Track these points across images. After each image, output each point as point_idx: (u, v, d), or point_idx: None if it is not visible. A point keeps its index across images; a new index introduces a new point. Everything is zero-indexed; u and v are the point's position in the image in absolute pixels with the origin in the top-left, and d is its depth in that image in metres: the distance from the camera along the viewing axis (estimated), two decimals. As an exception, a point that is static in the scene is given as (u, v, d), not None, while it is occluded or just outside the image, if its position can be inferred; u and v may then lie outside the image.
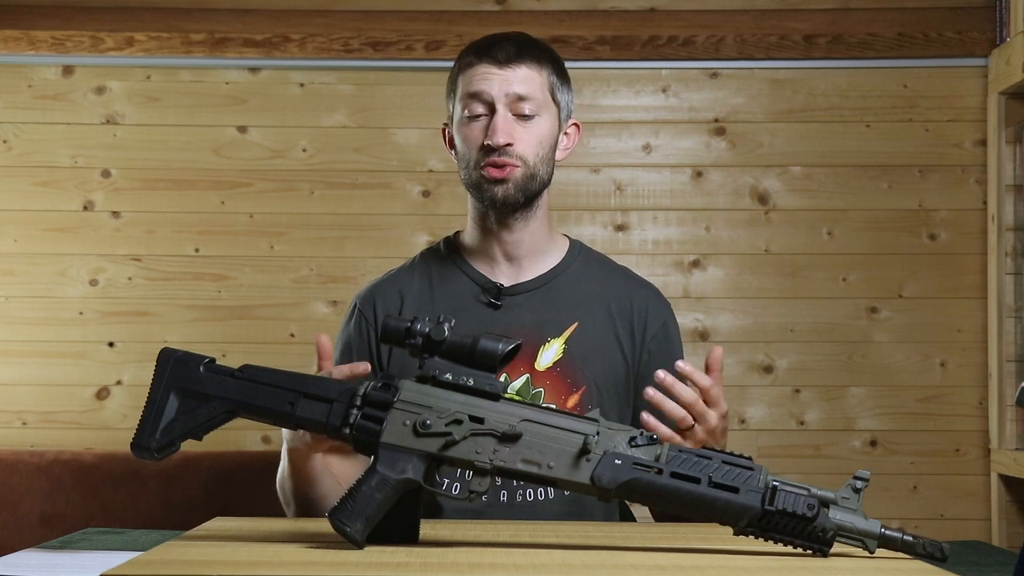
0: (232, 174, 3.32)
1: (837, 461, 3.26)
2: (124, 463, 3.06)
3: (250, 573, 1.30)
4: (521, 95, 2.00)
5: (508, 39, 2.05)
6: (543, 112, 2.03)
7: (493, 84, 2.00)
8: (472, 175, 2.03)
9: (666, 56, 3.31)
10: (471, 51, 2.05)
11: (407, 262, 2.16)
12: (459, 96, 2.04)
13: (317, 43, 3.28)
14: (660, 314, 2.12)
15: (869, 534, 1.44)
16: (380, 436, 1.50)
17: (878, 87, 3.33)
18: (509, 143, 1.99)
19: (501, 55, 2.01)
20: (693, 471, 1.46)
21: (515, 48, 2.03)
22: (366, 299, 2.12)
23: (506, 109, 2.00)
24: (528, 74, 2.02)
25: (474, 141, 2.01)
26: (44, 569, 1.47)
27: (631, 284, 2.14)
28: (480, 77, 2.01)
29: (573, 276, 2.10)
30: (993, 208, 3.23)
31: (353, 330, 2.10)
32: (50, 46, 3.27)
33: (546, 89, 2.04)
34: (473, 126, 2.02)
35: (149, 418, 1.54)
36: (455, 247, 2.13)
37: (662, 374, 1.79)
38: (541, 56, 2.05)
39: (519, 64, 2.01)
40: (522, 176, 2.01)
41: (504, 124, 1.99)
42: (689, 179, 3.34)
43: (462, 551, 1.48)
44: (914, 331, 3.30)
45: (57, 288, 3.29)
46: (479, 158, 2.01)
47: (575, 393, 2.02)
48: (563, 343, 2.04)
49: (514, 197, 2.01)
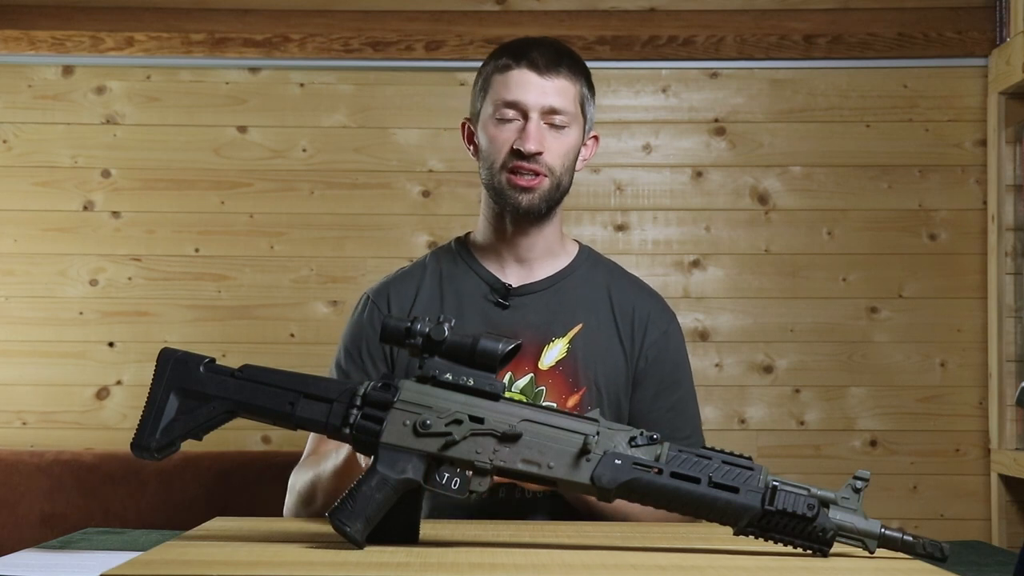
0: (232, 174, 3.32)
1: (837, 461, 3.26)
2: (124, 463, 3.06)
3: (250, 573, 1.30)
4: (556, 106, 2.01)
5: (546, 45, 2.05)
6: (573, 124, 2.04)
7: (531, 91, 2.00)
8: (497, 178, 2.03)
9: (666, 56, 3.31)
10: (508, 52, 2.04)
11: (418, 260, 2.17)
12: (491, 95, 2.03)
13: (317, 43, 3.28)
14: (662, 322, 2.12)
15: (869, 534, 1.44)
16: (380, 436, 1.50)
17: (878, 87, 3.33)
18: (540, 152, 2.00)
19: (541, 62, 2.01)
20: (693, 471, 1.46)
21: (555, 56, 2.03)
22: (379, 292, 2.11)
23: (539, 117, 2.01)
24: (564, 85, 2.02)
25: (503, 143, 2.01)
26: (44, 569, 1.47)
27: (636, 291, 2.15)
28: (517, 82, 2.01)
29: (580, 279, 2.11)
30: (993, 208, 3.23)
31: (366, 321, 2.09)
32: (50, 46, 3.27)
33: (577, 102, 2.05)
34: (503, 128, 2.02)
35: (149, 418, 1.54)
36: (466, 246, 2.14)
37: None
38: (576, 67, 2.05)
39: (557, 74, 2.02)
40: (548, 187, 2.02)
41: (537, 132, 2.00)
42: (689, 179, 3.34)
43: (462, 551, 1.48)
44: (914, 331, 3.30)
45: (57, 288, 3.29)
46: (506, 161, 2.01)
47: (576, 393, 2.02)
48: (567, 343, 2.05)
49: (538, 207, 2.02)
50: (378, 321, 2.07)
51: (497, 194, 2.04)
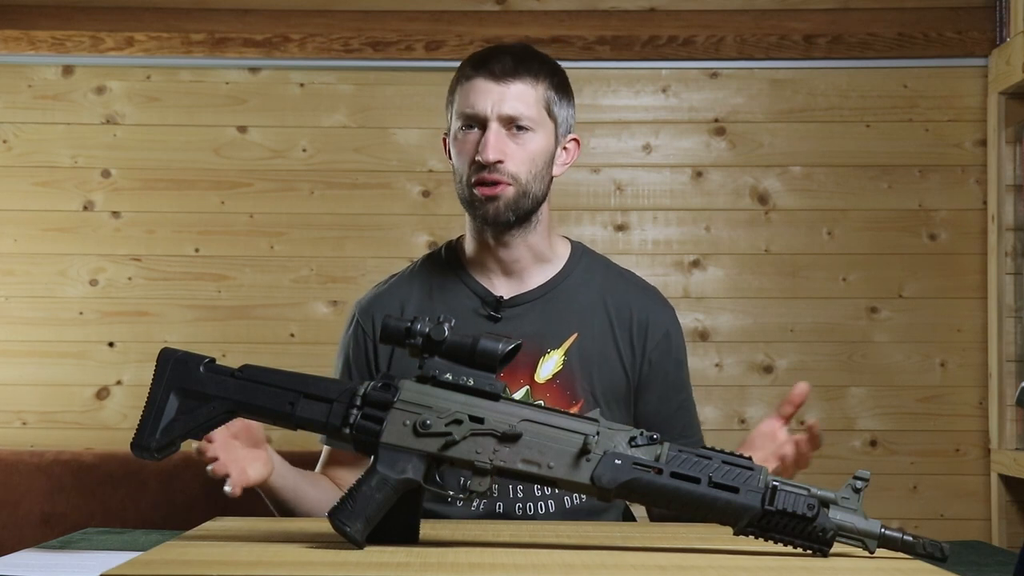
0: (232, 174, 3.32)
1: (837, 461, 3.26)
2: (124, 463, 3.06)
3: (250, 573, 1.30)
4: (513, 113, 1.97)
5: (507, 52, 2.01)
6: (537, 128, 1.99)
7: (487, 100, 1.97)
8: (464, 191, 2.00)
9: (666, 56, 3.31)
10: (469, 63, 2.02)
11: (407, 268, 2.14)
12: (456, 108, 2.02)
13: (317, 43, 3.28)
14: (662, 322, 2.09)
15: (869, 534, 1.44)
16: (380, 436, 1.50)
17: (878, 87, 3.33)
18: (500, 160, 1.96)
19: (497, 69, 1.98)
20: (693, 471, 1.46)
21: (512, 63, 1.99)
22: (364, 310, 2.09)
23: (499, 125, 1.97)
24: (523, 90, 1.98)
25: (466, 156, 1.99)
26: (44, 569, 1.47)
27: (632, 290, 2.11)
28: (475, 91, 1.98)
29: (573, 284, 2.07)
30: (993, 208, 3.23)
31: (351, 341, 2.09)
32: (50, 46, 3.27)
33: (541, 105, 2.00)
34: (466, 140, 1.99)
35: (149, 418, 1.54)
36: (456, 255, 2.10)
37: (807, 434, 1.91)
38: (539, 71, 2.01)
39: (514, 80, 1.98)
40: (513, 195, 1.98)
41: (495, 140, 1.96)
42: (689, 179, 3.34)
43: (462, 551, 1.48)
44: (914, 331, 3.30)
45: (57, 288, 3.29)
46: (470, 173, 1.98)
47: (574, 406, 2.00)
48: (562, 355, 2.02)
49: (504, 216, 1.98)
50: (363, 340, 2.07)
51: (468, 207, 2.01)
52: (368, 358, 2.06)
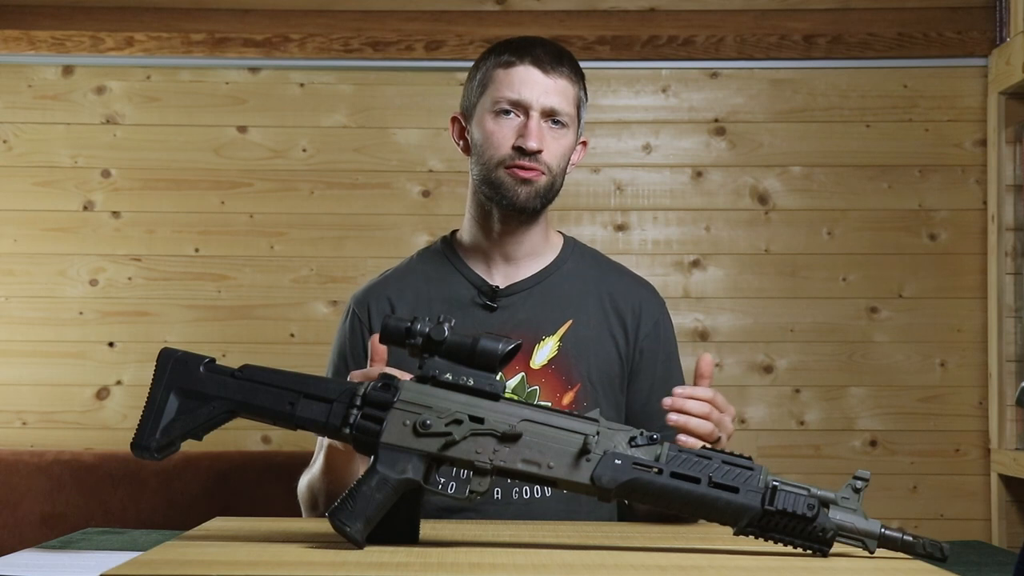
0: (232, 174, 3.32)
1: (837, 461, 3.26)
2: (124, 463, 3.06)
3: (250, 573, 1.30)
4: (557, 107, 2.00)
5: (546, 44, 2.04)
6: (570, 125, 2.03)
7: (534, 89, 1.99)
8: (494, 173, 2.01)
9: (666, 56, 3.31)
10: (510, 48, 2.03)
11: (404, 261, 2.16)
12: (491, 91, 2.02)
13: (317, 43, 3.28)
14: (652, 312, 2.11)
15: (869, 534, 1.44)
16: (380, 436, 1.50)
17: (878, 87, 3.33)
18: (541, 150, 1.99)
19: (546, 60, 2.00)
20: (693, 471, 1.46)
21: (557, 56, 2.02)
22: (360, 301, 2.11)
23: (540, 116, 2.00)
24: (566, 86, 2.02)
25: (502, 139, 2.00)
26: (44, 569, 1.47)
27: (624, 281, 2.14)
28: (521, 78, 1.99)
29: (567, 274, 2.10)
30: (993, 208, 3.23)
31: (347, 331, 2.09)
32: (50, 46, 3.27)
33: (575, 103, 2.04)
34: (503, 124, 2.00)
35: (149, 418, 1.54)
36: (452, 246, 2.12)
37: (669, 401, 1.76)
38: (576, 69, 2.05)
39: (560, 74, 2.01)
40: (545, 184, 2.02)
41: (539, 130, 1.99)
42: (689, 179, 3.34)
43: (462, 551, 1.48)
44: (914, 331, 3.30)
45: (57, 288, 3.29)
46: (506, 158, 2.00)
47: (570, 391, 2.02)
48: (558, 341, 2.04)
49: (533, 202, 2.01)
50: (359, 330, 2.08)
51: (493, 189, 2.01)
52: (364, 348, 2.06)
